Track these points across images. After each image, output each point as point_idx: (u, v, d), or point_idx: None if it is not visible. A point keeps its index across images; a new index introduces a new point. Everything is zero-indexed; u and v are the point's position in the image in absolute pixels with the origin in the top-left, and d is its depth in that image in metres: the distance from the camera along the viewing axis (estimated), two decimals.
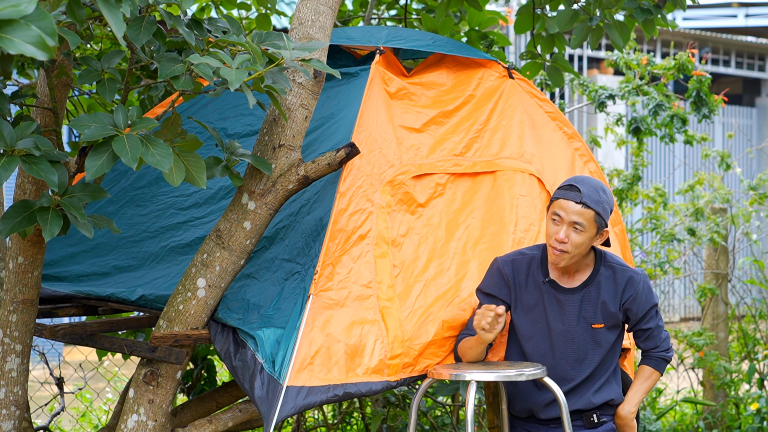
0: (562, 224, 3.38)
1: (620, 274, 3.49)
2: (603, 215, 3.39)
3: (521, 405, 3.60)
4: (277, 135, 3.35)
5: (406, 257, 3.53)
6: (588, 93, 6.36)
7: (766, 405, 6.26)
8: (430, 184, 3.70)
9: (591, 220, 3.38)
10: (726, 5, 14.05)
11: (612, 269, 3.50)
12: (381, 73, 3.78)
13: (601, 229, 3.41)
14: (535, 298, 3.51)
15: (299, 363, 3.17)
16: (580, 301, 3.49)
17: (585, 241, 3.40)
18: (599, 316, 3.49)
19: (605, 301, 3.48)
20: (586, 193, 3.37)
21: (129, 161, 2.71)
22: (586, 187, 3.39)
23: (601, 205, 3.39)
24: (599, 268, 3.50)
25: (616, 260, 3.55)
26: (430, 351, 3.46)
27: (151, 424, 3.37)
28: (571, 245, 3.38)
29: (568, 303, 3.49)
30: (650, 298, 3.53)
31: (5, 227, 2.83)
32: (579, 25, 4.43)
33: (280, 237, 3.53)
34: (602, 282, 3.48)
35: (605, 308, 3.48)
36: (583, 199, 3.37)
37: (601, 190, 3.42)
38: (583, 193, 3.37)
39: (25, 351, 3.46)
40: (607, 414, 3.59)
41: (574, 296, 3.49)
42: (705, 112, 6.32)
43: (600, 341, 3.51)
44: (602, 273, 3.49)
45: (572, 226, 3.37)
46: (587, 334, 3.50)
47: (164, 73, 2.93)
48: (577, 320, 3.49)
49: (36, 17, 1.91)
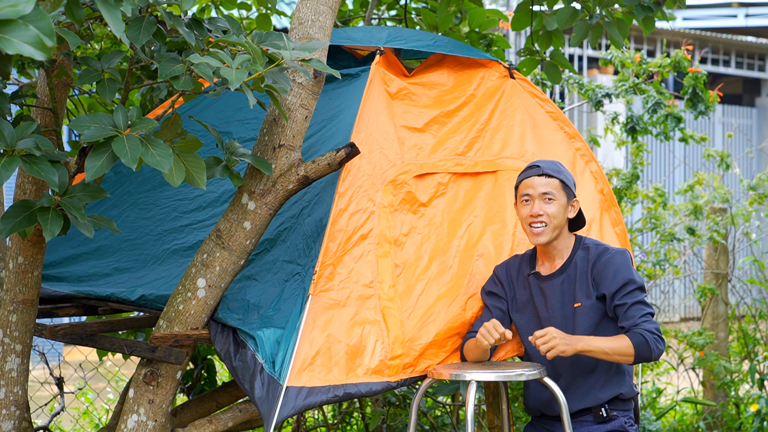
0: (532, 201, 3.53)
1: (593, 250, 3.56)
2: (567, 183, 3.55)
3: (530, 403, 3.63)
4: (277, 135, 3.34)
5: (408, 256, 3.54)
6: (584, 92, 6.36)
7: (766, 406, 6.26)
8: (432, 184, 3.70)
9: (558, 188, 3.54)
10: (726, 5, 14.05)
11: (587, 249, 3.57)
12: (381, 73, 3.77)
13: (571, 198, 3.56)
14: (526, 293, 3.61)
15: (299, 363, 3.17)
16: (560, 284, 3.55)
17: (559, 209, 3.53)
18: (578, 294, 3.52)
19: (580, 278, 3.53)
20: (546, 166, 3.56)
21: (129, 162, 2.71)
22: (543, 163, 3.58)
23: (562, 174, 3.56)
24: (576, 250, 3.57)
25: (594, 241, 3.61)
26: (431, 351, 3.47)
27: (151, 424, 3.37)
28: (546, 216, 3.52)
29: (549, 289, 3.56)
30: (624, 273, 3.48)
31: (5, 227, 2.82)
32: (579, 23, 4.43)
33: (281, 239, 3.53)
34: (578, 262, 3.55)
35: (582, 286, 3.52)
36: (545, 171, 3.54)
37: (559, 164, 3.60)
38: (543, 167, 3.55)
39: (25, 351, 3.46)
40: (617, 408, 3.57)
41: (554, 281, 3.56)
42: (701, 109, 6.32)
43: (584, 320, 3.50)
44: (578, 254, 3.57)
45: (543, 198, 3.52)
46: (570, 316, 3.52)
47: (164, 74, 2.93)
48: (561, 305, 3.54)
49: (34, 17, 1.91)
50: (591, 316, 3.51)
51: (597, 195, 4.07)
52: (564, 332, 3.42)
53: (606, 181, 4.14)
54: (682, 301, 10.92)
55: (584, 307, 3.51)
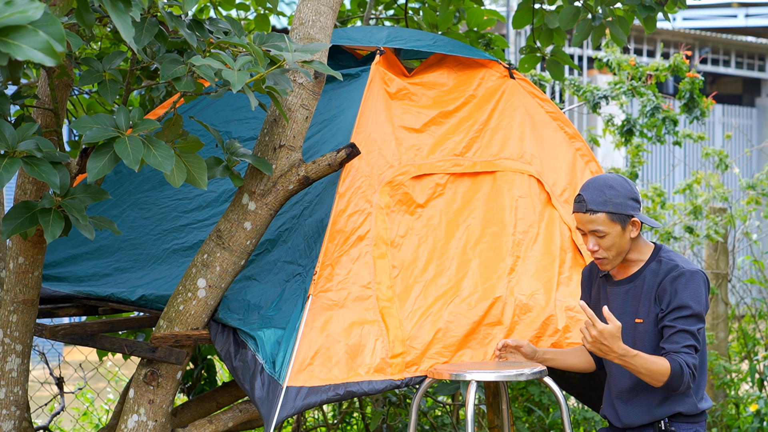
0: (587, 235, 3.38)
1: (665, 265, 3.37)
2: (616, 210, 3.34)
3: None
4: (277, 135, 3.35)
5: (405, 258, 3.53)
6: (582, 94, 6.37)
7: (765, 406, 6.27)
8: (429, 185, 3.70)
9: (607, 222, 3.34)
10: (726, 5, 14.05)
11: (659, 262, 3.40)
12: (381, 73, 3.78)
13: (626, 222, 3.35)
14: (596, 294, 3.51)
15: (299, 363, 3.17)
16: (625, 293, 3.42)
17: (614, 240, 3.35)
18: (642, 310, 3.39)
19: (646, 293, 3.38)
20: (590, 199, 3.35)
21: (131, 163, 2.71)
22: (589, 193, 3.36)
23: (610, 203, 3.34)
24: (650, 262, 3.41)
25: (669, 255, 3.42)
26: (436, 351, 3.45)
27: (151, 425, 3.37)
28: (603, 250, 3.36)
29: (613, 296, 3.43)
30: (684, 295, 3.30)
31: (7, 228, 2.83)
32: (581, 22, 4.42)
33: (282, 240, 3.53)
34: (647, 275, 3.40)
35: (646, 302, 3.38)
36: (589, 207, 3.34)
37: (607, 188, 3.37)
38: (587, 200, 3.35)
39: (26, 351, 3.46)
40: (677, 421, 3.41)
41: (619, 288, 3.43)
42: (696, 114, 6.34)
43: (644, 338, 3.37)
44: (650, 267, 3.41)
45: (594, 234, 3.35)
46: (629, 330, 3.38)
47: (166, 75, 2.93)
48: (621, 315, 3.39)
49: (44, 23, 1.90)
50: (654, 337, 3.37)
51: None
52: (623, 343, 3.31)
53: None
54: None
55: (647, 325, 3.37)
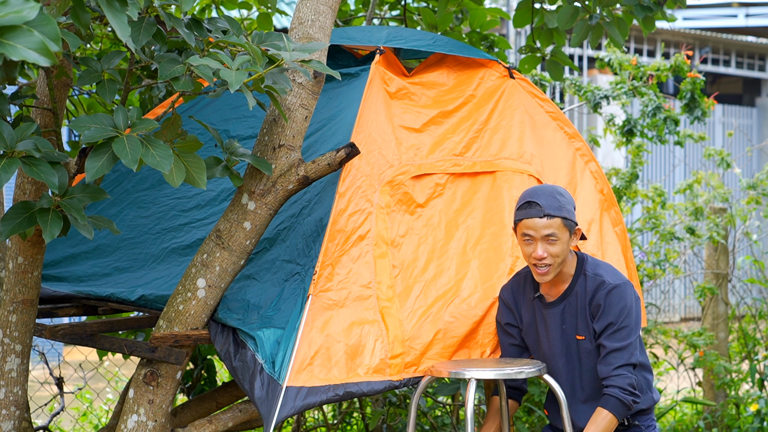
0: (535, 242, 3.38)
1: (591, 281, 3.43)
2: (569, 217, 3.39)
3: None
4: (277, 135, 3.34)
5: (405, 258, 3.53)
6: (582, 94, 6.37)
7: (765, 406, 6.26)
8: (429, 185, 3.70)
9: (560, 227, 3.37)
10: (726, 5, 14.04)
11: (585, 276, 3.45)
12: (381, 72, 3.77)
13: (573, 229, 3.41)
14: (530, 315, 3.53)
15: (299, 363, 3.17)
16: (561, 313, 3.46)
17: (563, 247, 3.39)
18: (581, 326, 3.44)
19: (581, 310, 3.44)
20: (546, 204, 3.37)
21: (129, 162, 2.71)
22: (543, 199, 3.38)
23: (564, 209, 3.38)
24: (578, 276, 3.46)
25: (594, 268, 3.47)
26: (436, 351, 3.45)
27: (151, 425, 3.37)
28: (550, 258, 3.38)
29: (550, 317, 3.48)
30: (611, 313, 3.38)
31: (5, 229, 2.82)
32: (579, 23, 4.42)
33: (281, 238, 3.53)
34: (578, 291, 3.45)
35: (582, 319, 3.44)
36: (546, 211, 3.37)
37: (558, 194, 3.41)
38: (543, 206, 3.37)
39: (25, 351, 3.46)
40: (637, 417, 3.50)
41: (555, 309, 3.48)
42: (697, 114, 6.34)
43: (589, 355, 3.45)
44: (579, 282, 3.46)
45: (546, 240, 3.37)
46: (573, 347, 3.46)
47: (164, 75, 2.93)
48: (561, 334, 3.46)
49: (39, 22, 1.90)
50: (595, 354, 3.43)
51: (597, 195, 4.06)
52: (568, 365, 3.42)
53: (606, 181, 4.14)
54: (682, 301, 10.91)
55: (588, 341, 3.43)
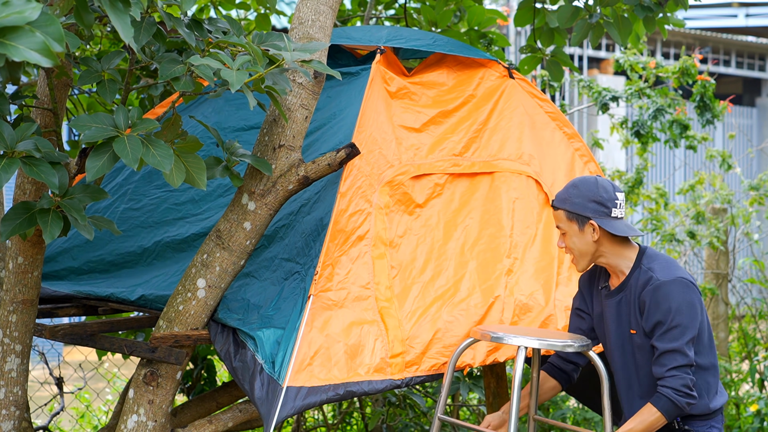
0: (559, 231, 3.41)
1: (643, 275, 3.32)
2: (572, 209, 3.31)
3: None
4: (277, 135, 3.34)
5: (403, 258, 3.53)
6: (592, 94, 6.37)
7: (765, 406, 6.26)
8: (428, 185, 3.69)
9: (564, 219, 3.34)
10: (726, 5, 14.04)
11: (640, 269, 3.35)
12: (382, 72, 3.77)
13: (583, 223, 3.32)
14: (598, 305, 3.47)
15: (298, 363, 3.17)
16: (618, 304, 3.37)
17: (573, 239, 3.34)
18: (633, 320, 3.35)
19: (633, 304, 3.34)
20: (557, 196, 3.37)
21: (130, 162, 2.71)
22: (561, 190, 3.38)
23: (568, 201, 3.33)
24: (635, 269, 3.36)
25: (649, 262, 3.35)
26: (436, 350, 3.44)
27: (150, 425, 3.37)
28: (567, 248, 3.38)
29: (609, 307, 3.40)
30: (659, 312, 3.25)
31: (6, 229, 2.82)
32: (579, 22, 4.43)
33: (279, 236, 3.53)
34: (632, 284, 3.35)
35: (635, 312, 3.34)
36: (553, 203, 3.38)
37: (571, 187, 3.35)
38: (556, 197, 3.38)
39: (25, 351, 3.46)
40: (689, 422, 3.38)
41: (613, 299, 3.39)
42: (708, 117, 6.33)
43: (642, 349, 3.34)
44: (635, 274, 3.35)
45: (560, 230, 3.39)
46: (627, 340, 3.37)
47: (165, 75, 2.93)
48: (617, 326, 3.38)
49: (42, 23, 1.89)
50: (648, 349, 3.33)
51: None
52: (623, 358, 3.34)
53: None
54: None
55: (640, 336, 3.33)
